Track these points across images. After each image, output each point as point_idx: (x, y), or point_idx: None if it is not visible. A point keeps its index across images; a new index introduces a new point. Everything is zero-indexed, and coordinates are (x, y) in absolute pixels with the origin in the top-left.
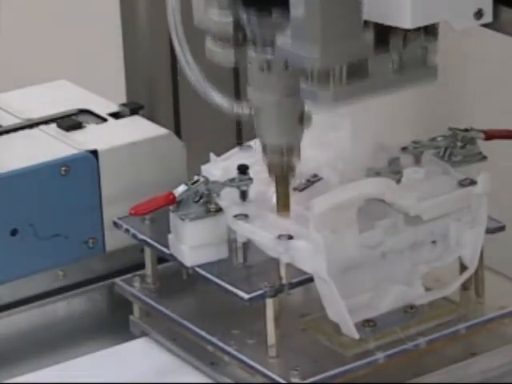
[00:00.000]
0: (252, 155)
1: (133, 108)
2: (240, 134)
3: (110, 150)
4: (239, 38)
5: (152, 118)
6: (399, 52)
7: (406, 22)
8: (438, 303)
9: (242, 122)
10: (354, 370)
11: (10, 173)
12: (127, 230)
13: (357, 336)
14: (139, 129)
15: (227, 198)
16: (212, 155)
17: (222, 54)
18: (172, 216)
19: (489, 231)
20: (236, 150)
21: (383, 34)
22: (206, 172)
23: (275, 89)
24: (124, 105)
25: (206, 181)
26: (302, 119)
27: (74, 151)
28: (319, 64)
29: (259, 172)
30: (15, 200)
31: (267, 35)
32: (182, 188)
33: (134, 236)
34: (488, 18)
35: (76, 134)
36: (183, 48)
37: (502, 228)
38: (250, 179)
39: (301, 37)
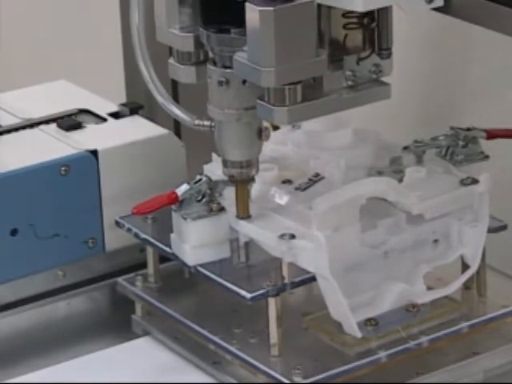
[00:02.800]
0: None
1: (132, 108)
2: None
3: (109, 150)
4: (200, 56)
5: (152, 117)
6: (353, 69)
7: (359, 5)
8: (440, 302)
9: None
10: (357, 368)
11: (9, 173)
12: (129, 229)
13: (359, 335)
14: (139, 129)
15: (230, 198)
16: (214, 155)
17: (183, 71)
18: (174, 215)
19: (491, 230)
20: None
21: (337, 52)
22: (208, 171)
23: (233, 104)
24: (124, 105)
25: (209, 180)
26: (260, 134)
27: (74, 151)
28: (274, 82)
29: (261, 171)
30: (15, 200)
31: (226, 52)
32: (184, 187)
33: (136, 235)
34: (439, 2)
35: (76, 134)
36: (146, 63)
37: (504, 227)
38: (252, 179)
39: (256, 55)
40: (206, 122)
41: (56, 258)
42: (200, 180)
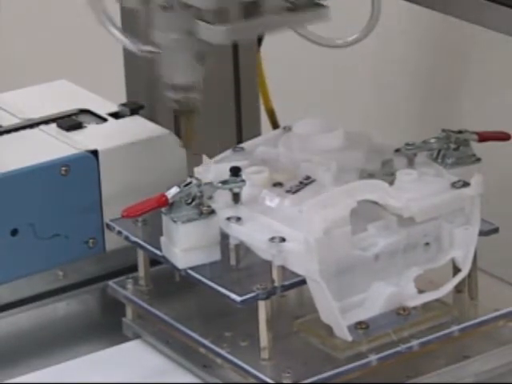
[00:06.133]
0: (245, 157)
1: (133, 108)
2: (240, 134)
3: (110, 150)
4: None
5: (152, 118)
6: None
7: None
8: (432, 305)
9: (243, 122)
10: (347, 372)
11: (10, 173)
12: (120, 232)
13: (349, 338)
14: (139, 129)
15: (220, 200)
16: (205, 157)
17: None
18: (164, 218)
19: (482, 233)
20: (229, 152)
21: None
22: (198, 174)
23: (176, 28)
24: (124, 105)
25: (199, 183)
26: (201, 58)
27: (74, 151)
28: (214, 3)
29: (252, 174)
30: (15, 200)
31: None
32: (174, 190)
33: (127, 238)
34: None
35: (76, 134)
36: None
37: (495, 230)
38: (243, 181)
39: None
40: (151, 49)
41: (56, 258)
42: (190, 183)
